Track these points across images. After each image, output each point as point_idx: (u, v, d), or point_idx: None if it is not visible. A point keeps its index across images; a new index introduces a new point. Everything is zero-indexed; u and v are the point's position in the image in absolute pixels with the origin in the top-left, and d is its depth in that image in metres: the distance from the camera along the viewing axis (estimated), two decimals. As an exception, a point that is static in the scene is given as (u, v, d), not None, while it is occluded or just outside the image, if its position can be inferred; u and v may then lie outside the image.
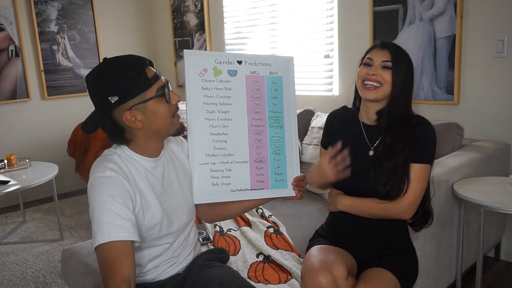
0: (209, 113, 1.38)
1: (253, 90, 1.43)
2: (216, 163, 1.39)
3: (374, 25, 2.84)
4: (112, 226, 1.14)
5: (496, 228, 2.43)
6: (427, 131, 1.55)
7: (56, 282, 2.53)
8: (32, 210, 3.78)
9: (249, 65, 1.43)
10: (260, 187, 1.43)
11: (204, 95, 1.38)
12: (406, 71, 1.54)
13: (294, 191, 1.46)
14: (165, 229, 1.32)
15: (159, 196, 1.31)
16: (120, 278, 1.11)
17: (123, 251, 1.14)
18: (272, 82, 1.46)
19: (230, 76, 1.41)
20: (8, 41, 3.79)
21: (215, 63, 1.40)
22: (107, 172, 1.20)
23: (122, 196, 1.19)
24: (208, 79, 1.38)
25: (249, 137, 1.42)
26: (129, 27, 4.58)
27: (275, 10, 3.47)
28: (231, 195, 1.40)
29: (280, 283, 1.65)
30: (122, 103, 1.20)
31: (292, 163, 1.47)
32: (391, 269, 1.53)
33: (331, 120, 1.75)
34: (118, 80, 1.20)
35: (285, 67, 1.48)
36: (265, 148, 1.44)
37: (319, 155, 1.80)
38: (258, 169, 1.43)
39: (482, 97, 2.52)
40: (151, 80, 1.23)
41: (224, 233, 1.99)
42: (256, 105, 1.43)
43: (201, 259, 1.45)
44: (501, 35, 2.40)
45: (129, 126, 1.23)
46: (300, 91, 3.35)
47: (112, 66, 1.22)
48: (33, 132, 4.04)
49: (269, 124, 1.44)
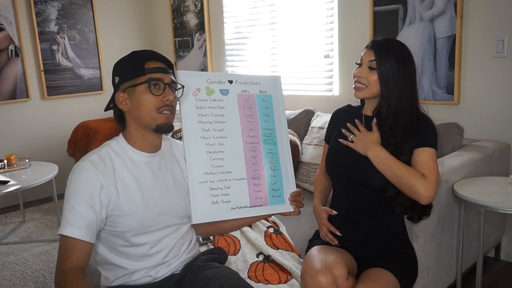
0: (205, 131, 1.40)
1: (245, 108, 1.46)
2: (215, 181, 1.39)
3: (374, 25, 2.84)
4: (67, 221, 1.23)
5: (496, 228, 2.43)
6: (426, 123, 1.57)
7: (56, 282, 2.52)
8: (32, 210, 3.78)
9: (240, 84, 1.47)
10: (259, 203, 1.44)
11: (199, 114, 1.40)
12: (396, 66, 1.52)
13: (291, 207, 1.47)
14: (147, 226, 1.33)
15: (147, 192, 1.33)
16: (68, 266, 1.21)
17: (73, 245, 1.23)
18: (263, 100, 1.49)
19: (223, 95, 1.44)
20: (8, 41, 3.79)
21: (208, 82, 1.43)
22: (85, 162, 1.28)
23: (87, 190, 1.24)
24: (202, 98, 1.41)
25: (245, 154, 1.43)
26: (129, 27, 4.58)
27: (275, 10, 3.47)
28: (231, 213, 1.40)
29: (280, 283, 1.65)
30: (120, 84, 1.32)
31: (288, 179, 1.48)
32: (391, 269, 1.53)
33: (335, 116, 1.79)
34: (123, 64, 1.34)
35: (273, 86, 1.52)
36: (261, 165, 1.45)
37: (322, 152, 1.82)
38: (255, 185, 1.44)
39: (482, 97, 2.52)
40: (147, 70, 1.29)
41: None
42: (249, 123, 1.46)
43: (199, 260, 1.45)
44: (501, 35, 2.40)
45: (119, 106, 1.32)
46: (300, 91, 3.36)
47: (129, 55, 1.36)
48: (33, 132, 4.04)
49: (263, 141, 1.47)
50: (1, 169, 3.05)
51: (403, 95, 1.54)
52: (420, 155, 1.52)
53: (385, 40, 1.60)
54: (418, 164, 1.51)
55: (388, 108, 1.55)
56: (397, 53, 1.55)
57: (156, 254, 1.37)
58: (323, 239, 1.68)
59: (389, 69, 1.52)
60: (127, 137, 1.36)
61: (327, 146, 1.77)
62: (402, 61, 1.54)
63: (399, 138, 1.53)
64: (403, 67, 1.53)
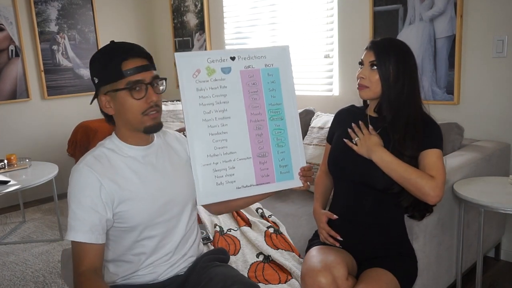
0: (206, 113, 1.36)
1: (249, 85, 1.41)
2: (219, 162, 1.37)
3: (374, 25, 2.84)
4: (71, 227, 1.25)
5: (496, 228, 2.43)
6: (431, 125, 1.57)
7: (56, 282, 2.52)
8: (32, 210, 3.78)
9: (243, 59, 1.41)
10: (266, 181, 1.42)
11: (200, 96, 1.36)
12: (396, 64, 1.53)
13: (301, 182, 1.45)
14: (155, 217, 1.33)
15: (149, 184, 1.32)
16: (82, 268, 1.23)
17: (82, 248, 1.24)
18: (269, 74, 1.43)
19: (224, 74, 1.39)
20: (8, 41, 3.79)
21: (208, 62, 1.38)
22: (80, 165, 1.27)
23: (87, 193, 1.25)
24: (202, 79, 1.37)
25: (249, 133, 1.40)
26: (129, 27, 4.58)
27: (275, 10, 3.47)
28: (237, 192, 1.40)
29: (280, 283, 1.65)
30: (100, 87, 1.28)
31: (297, 154, 1.45)
32: (391, 269, 1.53)
33: (339, 116, 1.79)
34: (99, 64, 1.27)
35: (281, 57, 1.45)
36: (267, 142, 1.42)
37: (324, 151, 1.82)
38: (262, 163, 1.41)
39: (482, 97, 2.52)
40: (125, 72, 1.24)
41: (224, 233, 1.99)
42: (254, 100, 1.41)
43: (202, 261, 1.45)
44: (501, 35, 2.40)
45: (104, 110, 1.30)
46: (300, 91, 3.35)
47: (104, 51, 1.29)
48: (33, 132, 4.04)
49: (269, 118, 1.43)
50: (1, 169, 3.06)
51: (403, 91, 1.54)
52: (428, 156, 1.52)
53: (383, 39, 1.61)
54: (426, 166, 1.51)
55: (389, 104, 1.55)
56: (397, 51, 1.56)
57: (166, 246, 1.37)
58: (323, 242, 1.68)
59: (389, 67, 1.53)
60: (119, 135, 1.35)
61: (329, 146, 1.77)
62: (402, 58, 1.55)
63: (400, 134, 1.53)
64: (402, 64, 1.54)
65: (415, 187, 1.48)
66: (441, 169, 1.51)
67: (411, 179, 1.48)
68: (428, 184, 1.46)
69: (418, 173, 1.49)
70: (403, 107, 1.54)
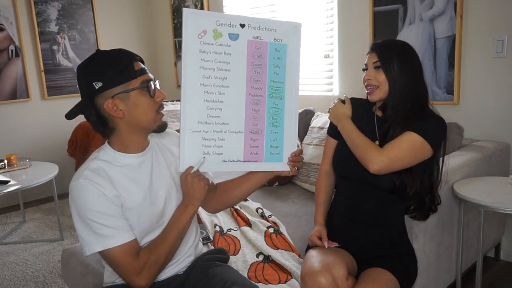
0: (205, 78, 1.30)
1: (254, 57, 1.34)
2: (209, 131, 1.32)
3: (374, 25, 2.85)
4: (105, 236, 1.22)
5: (496, 228, 2.43)
6: (435, 118, 1.57)
7: (56, 282, 2.53)
8: (32, 210, 3.78)
9: (253, 29, 1.34)
10: (254, 159, 1.37)
11: (202, 58, 1.29)
12: (399, 62, 1.54)
13: (289, 167, 1.40)
14: (155, 222, 1.33)
15: (149, 191, 1.31)
16: (138, 264, 1.25)
17: (124, 249, 1.23)
18: (276, 49, 1.37)
19: (231, 40, 1.32)
20: (8, 41, 3.79)
21: (216, 25, 1.30)
22: (80, 180, 1.23)
23: (100, 202, 1.22)
24: (207, 41, 1.30)
25: (246, 106, 1.35)
26: (129, 27, 4.59)
27: (275, 10, 3.47)
28: (222, 166, 1.34)
29: (280, 283, 1.65)
30: (105, 90, 1.22)
31: (290, 137, 1.40)
32: (391, 269, 1.53)
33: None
34: (105, 67, 1.23)
35: (292, 34, 1.38)
36: (262, 119, 1.37)
37: (324, 145, 1.82)
38: (253, 140, 1.36)
39: (482, 97, 2.52)
40: (137, 72, 1.24)
41: (224, 233, 1.99)
42: (256, 73, 1.35)
43: (201, 260, 1.45)
44: (501, 35, 2.40)
45: (111, 115, 1.25)
46: (300, 91, 3.32)
47: (103, 55, 1.26)
48: (33, 132, 4.04)
49: (268, 94, 1.37)
50: (2, 169, 3.06)
51: (408, 88, 1.54)
52: (402, 136, 1.51)
53: (385, 40, 1.63)
54: (391, 142, 1.51)
55: (393, 101, 1.56)
56: (399, 50, 1.57)
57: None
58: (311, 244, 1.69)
59: (393, 65, 1.54)
60: (114, 144, 1.31)
61: (330, 139, 1.76)
62: (404, 56, 1.56)
63: (398, 130, 1.53)
64: (405, 61, 1.55)
65: (361, 153, 1.52)
66: (398, 147, 1.49)
67: (359, 145, 1.53)
68: (374, 153, 1.49)
69: (369, 143, 1.53)
70: (407, 104, 1.55)
